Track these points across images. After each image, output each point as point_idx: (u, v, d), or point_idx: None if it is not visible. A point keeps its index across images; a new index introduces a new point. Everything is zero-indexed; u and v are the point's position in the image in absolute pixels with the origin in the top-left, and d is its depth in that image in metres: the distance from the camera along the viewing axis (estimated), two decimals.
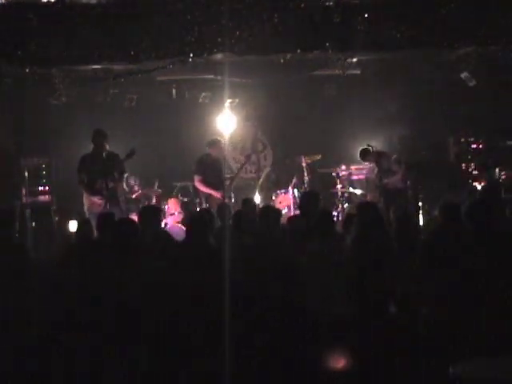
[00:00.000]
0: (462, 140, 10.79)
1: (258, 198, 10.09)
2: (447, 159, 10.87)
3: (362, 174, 10.64)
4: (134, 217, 8.85)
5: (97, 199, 8.33)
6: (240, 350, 4.97)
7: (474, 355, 4.33)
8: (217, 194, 9.37)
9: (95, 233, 6.54)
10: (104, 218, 6.35)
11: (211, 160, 9.51)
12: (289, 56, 8.98)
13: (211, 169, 9.45)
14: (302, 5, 8.19)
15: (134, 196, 10.07)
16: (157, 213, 6.62)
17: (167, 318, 5.28)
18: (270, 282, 5.43)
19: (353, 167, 10.68)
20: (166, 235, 6.80)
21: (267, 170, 10.85)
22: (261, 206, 8.92)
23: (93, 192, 8.37)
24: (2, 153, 10.13)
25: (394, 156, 9.66)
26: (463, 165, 10.59)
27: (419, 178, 9.48)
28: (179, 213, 9.84)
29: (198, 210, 9.38)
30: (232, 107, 10.59)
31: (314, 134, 10.88)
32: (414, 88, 10.50)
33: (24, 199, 9.97)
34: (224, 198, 9.27)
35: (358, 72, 10.11)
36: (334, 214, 9.24)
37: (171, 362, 5.11)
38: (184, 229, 7.96)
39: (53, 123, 10.43)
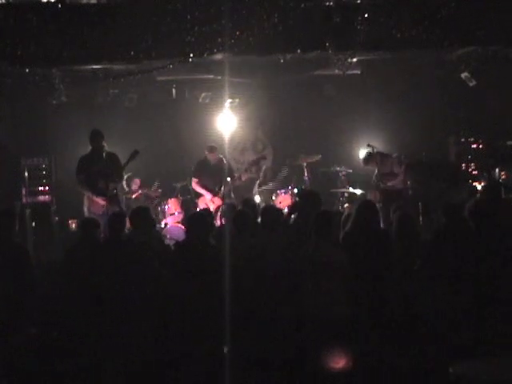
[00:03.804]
0: (462, 140, 10.78)
1: (257, 198, 10.10)
2: (447, 159, 10.85)
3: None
4: None
5: (100, 200, 8.32)
6: (240, 349, 4.97)
7: (474, 355, 4.34)
8: (207, 195, 9.69)
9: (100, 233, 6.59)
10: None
11: (209, 164, 9.82)
12: (289, 56, 8.99)
13: (208, 172, 9.76)
14: (302, 5, 8.19)
15: (133, 196, 10.08)
16: (147, 214, 6.57)
17: (167, 317, 5.29)
18: (270, 282, 5.43)
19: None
20: (159, 236, 6.84)
21: (265, 166, 10.84)
22: (261, 206, 8.93)
23: (96, 193, 8.34)
24: (2, 153, 10.12)
25: (395, 154, 9.64)
26: (463, 165, 10.58)
27: (419, 178, 9.44)
28: (179, 213, 9.83)
29: (198, 210, 9.39)
30: (232, 107, 10.58)
31: (314, 134, 10.86)
32: (413, 88, 10.48)
33: (24, 199, 9.94)
34: (213, 201, 9.57)
35: (358, 72, 10.10)
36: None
37: (170, 362, 5.11)
38: (184, 229, 7.97)
39: (53, 123, 10.43)
